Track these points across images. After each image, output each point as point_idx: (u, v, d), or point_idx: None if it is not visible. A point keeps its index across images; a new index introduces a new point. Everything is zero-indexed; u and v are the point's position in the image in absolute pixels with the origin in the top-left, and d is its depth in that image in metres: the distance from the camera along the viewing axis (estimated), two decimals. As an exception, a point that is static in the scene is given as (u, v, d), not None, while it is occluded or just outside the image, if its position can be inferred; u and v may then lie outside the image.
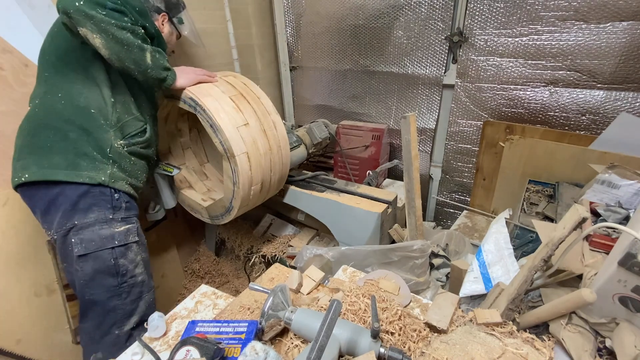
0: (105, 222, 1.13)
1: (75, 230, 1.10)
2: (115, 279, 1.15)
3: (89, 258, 1.11)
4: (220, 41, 2.12)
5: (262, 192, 1.53)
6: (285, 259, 1.77)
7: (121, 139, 1.19)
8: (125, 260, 1.16)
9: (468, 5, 1.68)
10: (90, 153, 1.12)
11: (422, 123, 2.07)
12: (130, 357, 0.80)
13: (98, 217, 1.12)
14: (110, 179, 1.14)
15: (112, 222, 1.14)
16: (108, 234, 1.13)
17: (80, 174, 1.10)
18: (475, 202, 2.03)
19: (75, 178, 1.09)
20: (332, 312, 0.64)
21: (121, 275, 1.16)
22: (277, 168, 1.53)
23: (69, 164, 1.09)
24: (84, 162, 1.11)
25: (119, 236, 1.15)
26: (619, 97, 1.51)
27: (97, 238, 1.11)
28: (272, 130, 1.48)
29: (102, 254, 1.12)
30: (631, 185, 1.18)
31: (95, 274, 1.12)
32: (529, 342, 0.75)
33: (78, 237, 1.10)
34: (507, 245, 1.10)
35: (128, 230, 1.18)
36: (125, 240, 1.16)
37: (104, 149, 1.14)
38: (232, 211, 1.48)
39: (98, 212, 1.12)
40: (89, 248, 1.10)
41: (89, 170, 1.11)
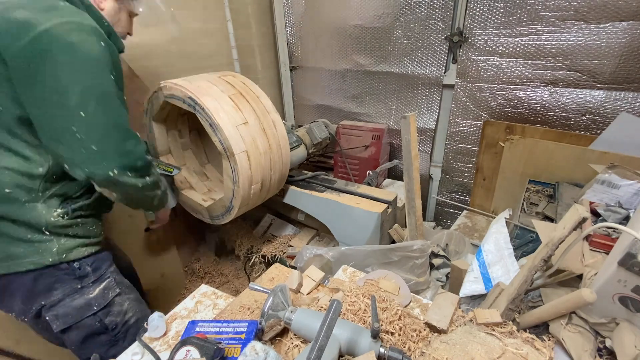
0: (75, 292, 0.97)
1: (45, 309, 0.96)
2: (108, 335, 1.04)
3: (71, 329, 0.99)
4: (220, 41, 2.12)
5: (262, 191, 1.53)
6: (285, 259, 1.77)
7: (57, 207, 0.94)
8: (112, 316, 1.04)
9: (468, 5, 1.68)
10: (24, 237, 0.90)
11: (422, 123, 2.07)
12: (130, 357, 0.80)
13: (65, 292, 0.96)
14: (60, 255, 0.94)
15: (83, 290, 0.99)
16: (83, 303, 0.98)
17: (21, 262, 0.91)
18: (475, 202, 2.03)
19: (15, 268, 0.91)
20: (332, 312, 0.64)
21: (112, 329, 1.04)
22: (277, 167, 1.53)
23: (4, 256, 0.90)
24: (19, 249, 0.90)
25: (97, 301, 1.00)
26: (619, 97, 1.51)
27: (72, 311, 0.97)
28: (271, 129, 1.48)
29: (85, 322, 0.99)
30: (631, 185, 1.18)
31: (84, 341, 1.02)
32: (529, 342, 0.75)
33: (52, 314, 0.96)
34: (507, 245, 1.10)
35: (105, 289, 1.03)
36: (104, 302, 1.02)
37: (37, 228, 0.91)
38: (232, 211, 1.48)
39: (62, 287, 0.96)
40: (68, 322, 0.97)
41: (30, 256, 0.91)
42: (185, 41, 1.91)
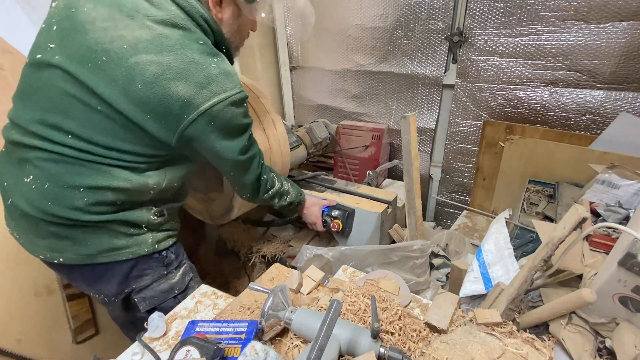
0: (161, 278, 1.10)
1: (135, 292, 1.07)
2: None
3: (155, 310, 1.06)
4: (220, 41, 2.12)
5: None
6: (285, 259, 1.77)
7: (154, 207, 1.08)
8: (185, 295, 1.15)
9: (468, 5, 1.68)
10: (126, 232, 1.02)
11: (422, 123, 2.07)
12: (130, 357, 0.80)
13: (153, 277, 1.09)
14: (153, 245, 1.07)
15: (168, 275, 1.12)
16: (167, 288, 1.11)
17: (121, 252, 1.02)
18: (475, 202, 2.03)
19: (116, 258, 1.02)
20: (332, 312, 0.64)
21: None
22: (277, 167, 1.53)
23: (107, 248, 1.00)
24: (121, 242, 1.02)
25: (178, 285, 1.13)
26: (619, 97, 1.51)
27: (158, 294, 1.10)
28: (271, 129, 1.48)
29: (166, 304, 1.10)
30: (631, 185, 1.18)
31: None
32: (529, 342, 0.75)
33: (140, 297, 1.08)
34: (507, 245, 1.10)
35: (183, 273, 1.16)
36: (183, 286, 1.14)
37: (138, 225, 1.04)
38: (232, 211, 1.48)
39: (152, 274, 1.09)
40: (153, 303, 1.09)
41: (129, 247, 1.03)
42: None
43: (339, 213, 1.54)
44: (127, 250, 1.03)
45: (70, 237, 0.98)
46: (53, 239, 0.98)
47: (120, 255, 1.02)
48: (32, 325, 1.37)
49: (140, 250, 1.05)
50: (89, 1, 0.86)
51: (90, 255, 1.00)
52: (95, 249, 1.00)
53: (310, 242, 1.84)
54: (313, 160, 2.41)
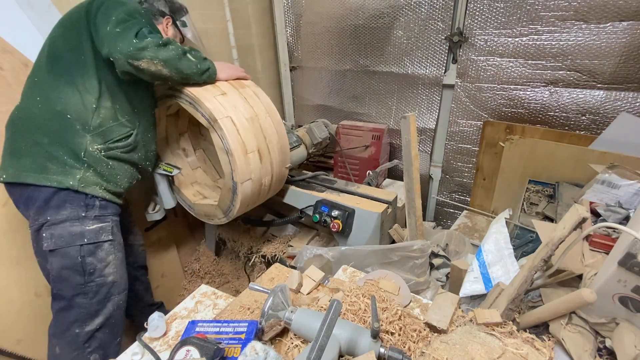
0: (77, 219, 1.13)
1: (47, 225, 1.11)
2: (82, 277, 1.14)
3: (57, 254, 1.12)
4: (220, 41, 2.12)
5: (262, 191, 1.53)
6: (285, 259, 1.77)
7: (100, 143, 1.18)
8: (94, 259, 1.16)
9: (468, 5, 1.68)
10: (61, 157, 1.12)
11: (422, 123, 2.07)
12: (130, 357, 0.80)
13: (70, 215, 1.12)
14: (80, 183, 1.13)
15: (84, 219, 1.14)
16: (78, 231, 1.13)
17: (49, 177, 1.10)
18: (475, 202, 2.03)
19: (42, 181, 1.10)
20: (332, 312, 0.64)
21: (88, 274, 1.15)
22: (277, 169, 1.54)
23: (38, 168, 1.11)
24: (53, 166, 1.11)
25: (89, 234, 1.14)
26: (619, 97, 1.51)
27: (66, 234, 1.11)
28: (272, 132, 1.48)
29: (70, 250, 1.12)
30: (631, 185, 1.18)
31: (61, 270, 1.13)
32: (529, 342, 0.75)
33: (49, 232, 1.11)
34: (507, 245, 1.10)
35: (101, 228, 1.17)
36: (95, 239, 1.15)
37: (77, 153, 1.14)
38: (232, 211, 1.48)
39: (70, 209, 1.12)
40: (58, 244, 1.11)
41: (57, 174, 1.11)
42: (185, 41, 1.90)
43: (339, 213, 1.54)
44: (53, 177, 1.11)
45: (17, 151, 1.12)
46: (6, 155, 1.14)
47: (46, 180, 1.10)
48: (33, 326, 1.37)
49: (64, 181, 1.11)
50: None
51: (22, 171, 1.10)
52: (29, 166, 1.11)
53: (310, 242, 1.84)
54: (313, 160, 2.41)
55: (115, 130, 1.21)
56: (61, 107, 1.13)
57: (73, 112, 1.14)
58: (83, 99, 1.15)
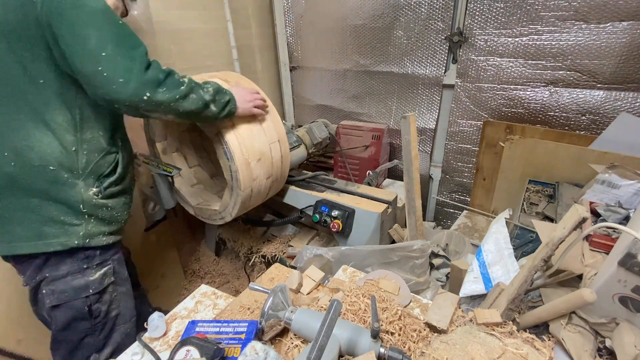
0: (78, 272, 1.04)
1: (46, 282, 1.02)
2: (89, 322, 1.08)
3: (61, 308, 1.04)
4: (220, 41, 2.12)
5: (262, 192, 1.53)
6: (285, 259, 1.77)
7: (93, 185, 1.03)
8: (100, 304, 1.09)
9: (468, 5, 1.68)
10: (57, 217, 0.99)
11: (422, 123, 2.07)
12: (130, 357, 0.80)
13: (70, 269, 1.03)
14: (85, 239, 1.02)
15: (86, 271, 1.05)
16: (82, 284, 1.04)
17: (48, 242, 0.98)
18: (475, 202, 2.03)
19: (43, 249, 0.98)
20: (332, 312, 0.64)
21: (94, 317, 1.09)
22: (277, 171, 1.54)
23: (34, 235, 0.97)
24: (51, 230, 0.98)
25: (94, 284, 1.06)
26: (619, 97, 1.51)
27: (69, 289, 1.03)
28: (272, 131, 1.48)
29: (76, 303, 1.04)
30: (631, 185, 1.18)
31: (68, 322, 1.06)
32: (529, 342, 0.75)
33: (49, 288, 1.02)
34: (507, 245, 1.10)
35: (104, 274, 1.09)
36: (100, 287, 1.08)
37: (74, 207, 1.00)
38: (232, 212, 1.48)
39: (71, 264, 1.03)
40: (61, 299, 1.03)
41: (58, 237, 0.99)
42: (185, 41, 1.91)
43: (339, 213, 1.54)
44: (55, 240, 0.98)
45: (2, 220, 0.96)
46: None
47: (48, 246, 0.98)
48: (33, 326, 1.37)
49: (69, 242, 0.99)
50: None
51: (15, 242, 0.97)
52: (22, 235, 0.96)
53: (310, 242, 1.84)
54: (313, 160, 2.41)
55: (102, 163, 1.05)
56: (38, 160, 0.94)
57: (54, 160, 0.95)
58: (60, 139, 0.96)
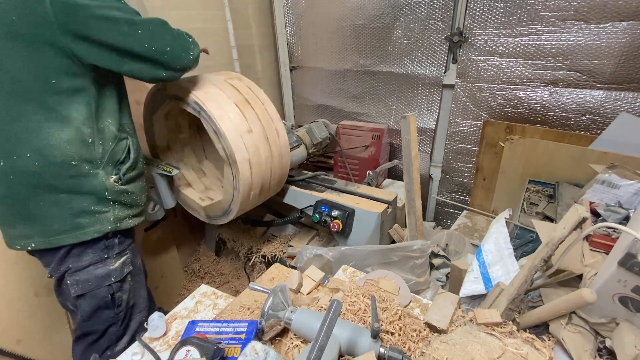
0: (100, 261, 1.09)
1: (70, 273, 1.07)
2: (112, 311, 1.14)
3: (86, 297, 1.10)
4: (220, 41, 2.12)
5: (262, 193, 1.53)
6: (285, 259, 1.77)
7: (112, 173, 1.08)
8: (122, 292, 1.15)
9: (468, 5, 1.68)
10: (88, 208, 1.04)
11: (422, 123, 2.07)
12: (130, 357, 0.80)
13: (92, 259, 1.08)
14: (115, 223, 1.09)
15: (107, 260, 1.11)
16: (104, 273, 1.10)
17: (85, 231, 1.04)
18: (475, 202, 2.03)
19: (82, 237, 1.04)
20: (332, 312, 0.64)
21: (117, 306, 1.15)
22: (277, 173, 1.54)
23: (71, 227, 1.03)
24: (84, 220, 1.04)
25: (115, 272, 1.12)
26: (619, 97, 1.51)
27: (92, 278, 1.08)
28: (274, 137, 1.48)
29: (100, 291, 1.10)
30: (631, 185, 1.18)
31: (94, 311, 1.12)
32: (529, 342, 0.75)
33: (73, 279, 1.07)
34: (507, 245, 1.10)
35: (123, 263, 1.15)
36: (121, 275, 1.14)
37: (100, 196, 1.05)
38: (231, 213, 1.48)
39: (92, 255, 1.08)
40: (86, 288, 1.08)
41: (92, 226, 1.05)
42: None
43: (339, 213, 1.54)
44: (91, 229, 1.04)
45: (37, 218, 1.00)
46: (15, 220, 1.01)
47: (85, 235, 1.04)
48: (32, 325, 1.37)
49: (103, 229, 1.06)
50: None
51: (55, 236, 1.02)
52: (60, 229, 1.01)
53: (310, 242, 1.84)
54: (313, 160, 2.41)
55: (117, 150, 1.10)
56: (60, 156, 0.97)
57: (75, 155, 0.99)
58: (77, 133, 0.99)
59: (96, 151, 1.04)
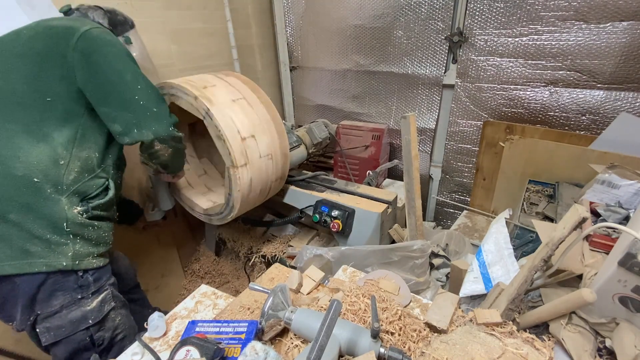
0: (72, 304, 0.97)
1: (40, 319, 0.94)
2: (93, 351, 1.02)
3: (60, 344, 0.98)
4: (220, 41, 2.12)
5: (262, 195, 1.54)
6: (285, 259, 1.77)
7: (78, 204, 0.99)
8: (103, 331, 1.04)
9: (468, 5, 1.68)
10: (42, 235, 0.91)
11: (422, 123, 2.07)
12: (130, 357, 0.80)
13: (64, 302, 0.95)
14: (74, 260, 0.95)
15: (81, 301, 0.98)
16: (80, 316, 0.97)
17: (34, 262, 0.90)
18: (475, 202, 2.03)
19: (27, 269, 0.90)
20: (332, 312, 0.64)
21: (98, 345, 1.03)
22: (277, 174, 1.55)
23: (17, 254, 0.89)
24: (36, 248, 0.91)
25: (92, 314, 0.99)
26: (619, 97, 1.51)
27: (66, 323, 0.96)
28: (275, 141, 1.50)
29: (76, 336, 0.98)
30: (631, 185, 1.18)
31: (71, 357, 1.00)
32: (529, 342, 0.75)
33: (43, 326, 0.94)
34: (507, 245, 1.10)
35: (102, 301, 1.02)
36: (100, 315, 1.01)
37: (58, 225, 0.93)
38: (230, 214, 1.49)
39: (63, 296, 0.95)
40: (59, 335, 0.96)
41: (44, 257, 0.91)
42: (185, 41, 1.91)
43: (339, 213, 1.54)
44: (40, 260, 0.91)
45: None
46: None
47: (32, 266, 0.90)
48: (32, 325, 1.37)
49: (56, 263, 0.92)
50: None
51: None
52: (3, 253, 0.88)
53: (310, 242, 1.84)
54: (313, 160, 2.41)
55: (91, 184, 1.02)
56: (23, 169, 0.91)
57: (39, 172, 0.92)
58: (51, 152, 0.94)
59: (66, 176, 0.96)
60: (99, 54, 1.00)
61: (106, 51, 1.01)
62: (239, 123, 1.35)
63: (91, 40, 1.00)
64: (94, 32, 1.02)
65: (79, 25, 1.02)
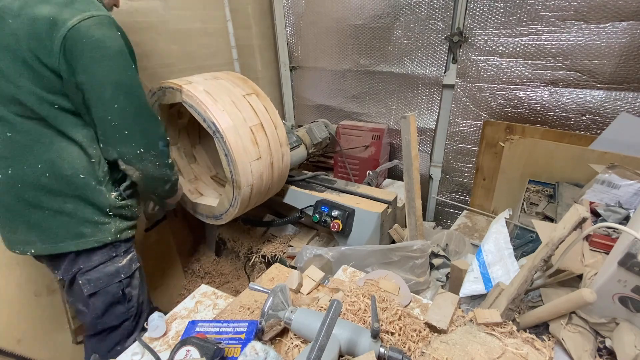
0: (108, 260, 1.14)
1: (81, 273, 1.11)
2: (124, 306, 1.19)
3: (98, 295, 1.14)
4: (220, 41, 2.12)
5: (261, 196, 1.55)
6: (285, 259, 1.77)
7: (113, 190, 1.14)
8: (131, 288, 1.20)
9: (468, 5, 1.68)
10: (91, 218, 1.09)
11: (422, 123, 2.07)
12: (130, 357, 0.80)
13: (101, 259, 1.13)
14: (116, 234, 1.14)
15: (115, 258, 1.16)
16: (114, 270, 1.15)
17: (87, 240, 1.09)
18: (475, 202, 2.03)
19: (83, 246, 1.09)
20: (332, 312, 0.64)
21: (128, 301, 1.20)
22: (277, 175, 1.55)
23: (74, 235, 1.08)
24: (88, 229, 1.09)
25: (124, 269, 1.17)
26: (619, 97, 1.51)
27: (103, 276, 1.13)
28: (278, 162, 1.51)
29: (111, 288, 1.15)
30: (631, 185, 1.18)
31: (106, 307, 1.16)
32: (529, 342, 0.75)
33: (85, 278, 1.11)
34: (507, 245, 1.10)
35: (130, 260, 1.20)
36: (129, 272, 1.19)
37: (103, 210, 1.11)
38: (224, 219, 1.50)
39: (101, 255, 1.13)
40: (98, 286, 1.13)
41: (94, 235, 1.10)
42: (185, 41, 1.91)
43: (339, 213, 1.54)
44: (92, 239, 1.09)
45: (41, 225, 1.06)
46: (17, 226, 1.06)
47: (86, 244, 1.09)
48: (32, 325, 1.37)
49: (104, 239, 1.11)
50: None
51: (57, 243, 1.07)
52: (63, 236, 1.07)
53: (310, 242, 1.84)
54: (313, 160, 2.41)
55: (117, 172, 1.15)
56: (70, 169, 1.04)
57: (84, 171, 1.06)
58: (85, 152, 1.06)
59: (100, 171, 1.09)
60: (82, 64, 0.94)
61: (90, 58, 0.93)
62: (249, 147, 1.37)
63: (77, 42, 0.91)
64: (81, 28, 0.91)
65: (66, 16, 0.91)
